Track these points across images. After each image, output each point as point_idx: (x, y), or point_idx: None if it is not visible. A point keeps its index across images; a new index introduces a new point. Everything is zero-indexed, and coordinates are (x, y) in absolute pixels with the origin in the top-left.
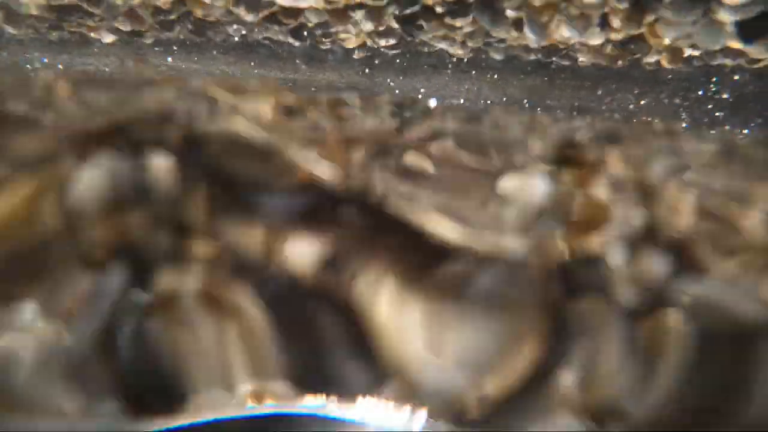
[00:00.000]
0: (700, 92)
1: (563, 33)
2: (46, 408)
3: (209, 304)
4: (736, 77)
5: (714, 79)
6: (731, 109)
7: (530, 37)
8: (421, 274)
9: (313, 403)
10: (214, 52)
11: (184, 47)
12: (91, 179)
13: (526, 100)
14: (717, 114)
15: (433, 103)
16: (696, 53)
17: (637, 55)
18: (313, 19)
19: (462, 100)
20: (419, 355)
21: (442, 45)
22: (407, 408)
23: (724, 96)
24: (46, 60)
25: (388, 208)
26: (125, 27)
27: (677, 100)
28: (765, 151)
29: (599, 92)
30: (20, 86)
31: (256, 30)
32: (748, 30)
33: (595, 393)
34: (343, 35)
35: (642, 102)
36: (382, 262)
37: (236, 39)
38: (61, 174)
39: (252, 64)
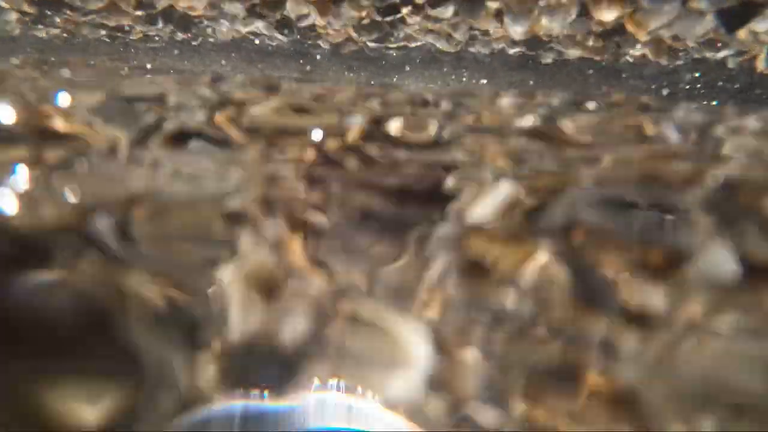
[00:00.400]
0: (687, 86)
1: (544, 23)
2: None
3: None
4: (722, 70)
5: (700, 73)
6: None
7: (512, 28)
8: None
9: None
10: (203, 50)
11: (172, 45)
12: None
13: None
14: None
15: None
16: (679, 45)
17: (622, 48)
18: (294, 11)
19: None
20: None
21: (429, 39)
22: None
23: (712, 90)
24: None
25: None
26: (110, 22)
27: (665, 94)
28: None
29: (588, 87)
30: None
31: (241, 24)
32: (727, 19)
33: None
34: (327, 29)
35: (630, 96)
36: None
37: (224, 35)
38: None
39: (242, 62)
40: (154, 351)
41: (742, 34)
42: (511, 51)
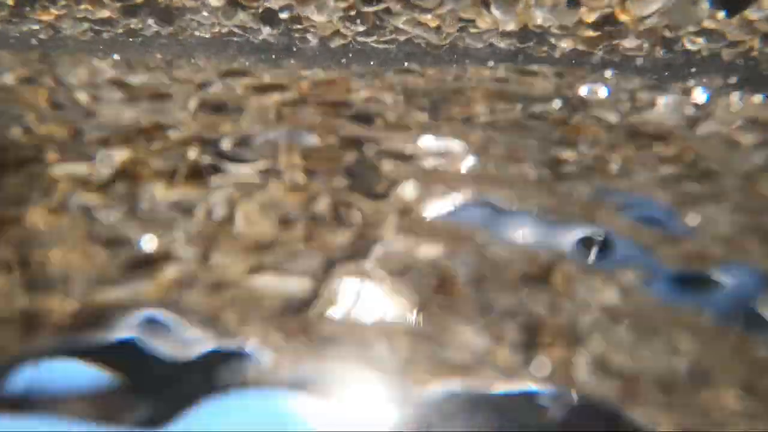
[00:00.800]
0: (683, 79)
1: (532, 13)
2: None
3: None
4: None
5: (696, 65)
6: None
7: (499, 18)
8: None
9: None
10: (189, 45)
11: (157, 40)
12: None
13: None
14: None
15: None
16: (672, 35)
17: (616, 40)
18: (276, 1)
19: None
20: None
21: (417, 31)
22: None
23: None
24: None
25: None
26: (92, 15)
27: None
28: None
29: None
30: None
31: (223, 16)
32: (725, 3)
33: None
34: (314, 20)
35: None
36: None
37: (209, 28)
38: None
39: (232, 57)
40: None
41: (738, 22)
42: (503, 44)
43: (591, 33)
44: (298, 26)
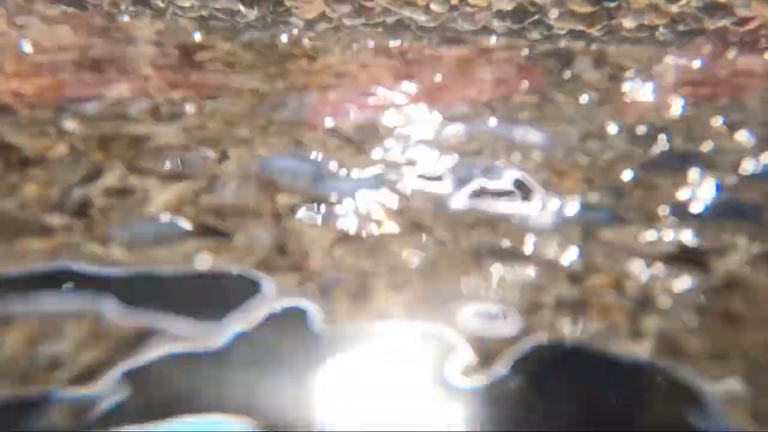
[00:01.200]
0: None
1: None
2: None
3: None
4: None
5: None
6: None
7: None
8: None
9: None
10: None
11: (139, 21)
12: None
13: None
14: None
15: None
16: (676, 9)
17: (616, 18)
18: None
19: None
20: None
21: (406, 12)
22: None
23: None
24: None
25: None
26: None
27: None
28: None
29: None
30: None
31: None
32: None
33: None
34: (298, 2)
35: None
36: None
37: (192, 10)
38: None
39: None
40: None
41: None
42: (497, 24)
43: (591, 10)
44: (281, 9)
